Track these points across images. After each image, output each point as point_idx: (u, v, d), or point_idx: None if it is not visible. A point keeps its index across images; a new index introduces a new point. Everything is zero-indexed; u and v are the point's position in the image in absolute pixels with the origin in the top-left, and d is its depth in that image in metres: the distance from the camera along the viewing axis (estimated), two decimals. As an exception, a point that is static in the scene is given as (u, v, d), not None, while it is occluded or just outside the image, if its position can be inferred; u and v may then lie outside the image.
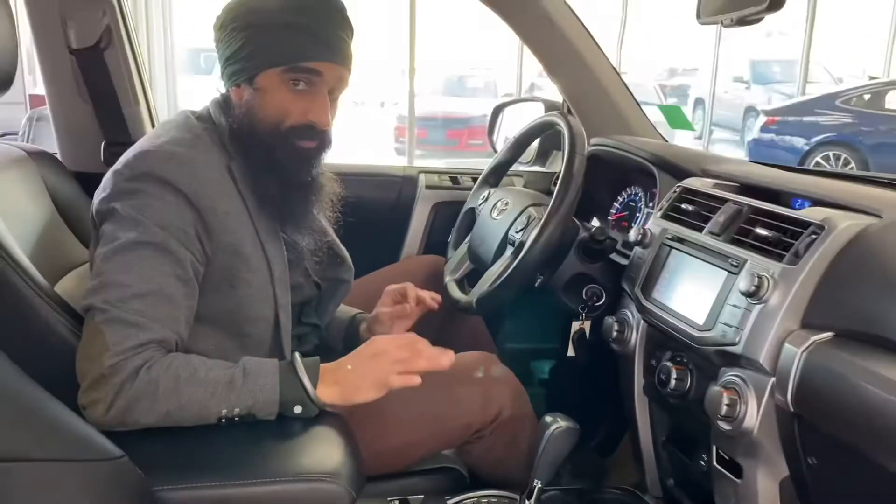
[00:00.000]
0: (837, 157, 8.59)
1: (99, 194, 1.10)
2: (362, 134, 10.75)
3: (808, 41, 10.51)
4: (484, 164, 1.78)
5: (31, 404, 0.76)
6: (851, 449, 0.86)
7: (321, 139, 1.15)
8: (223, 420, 1.00)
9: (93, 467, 0.80)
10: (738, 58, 12.53)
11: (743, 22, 1.08)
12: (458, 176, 1.97)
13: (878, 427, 0.79)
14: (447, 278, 1.57)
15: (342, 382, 1.06)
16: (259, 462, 0.97)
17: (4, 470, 0.72)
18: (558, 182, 1.33)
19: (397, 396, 1.10)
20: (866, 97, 8.86)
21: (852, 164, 8.54)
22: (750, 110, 11.16)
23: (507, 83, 10.93)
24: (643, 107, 1.89)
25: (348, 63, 1.13)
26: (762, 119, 9.26)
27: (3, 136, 5.03)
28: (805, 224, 1.00)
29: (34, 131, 4.30)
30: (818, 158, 8.61)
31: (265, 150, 1.12)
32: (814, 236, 0.97)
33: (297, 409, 1.02)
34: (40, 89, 1.55)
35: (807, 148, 8.70)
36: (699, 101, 12.22)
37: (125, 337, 0.98)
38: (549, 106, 1.90)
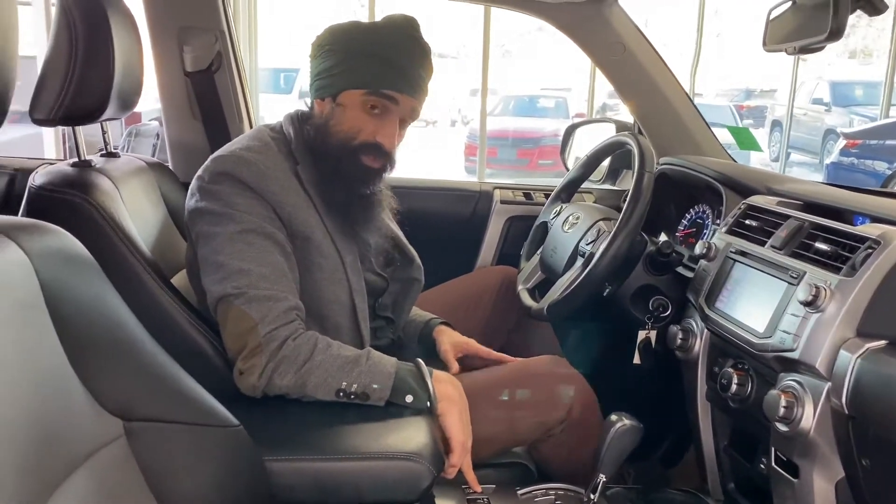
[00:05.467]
0: (922, 182, 8.30)
1: (188, 200, 1.27)
2: (433, 153, 10.94)
3: (892, 63, 10.19)
4: (554, 182, 1.88)
5: (169, 375, 0.90)
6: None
7: (385, 160, 1.28)
8: (341, 394, 1.14)
9: (215, 432, 0.93)
10: (819, 79, 12.23)
11: (805, 50, 1.15)
12: (532, 192, 2.07)
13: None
14: (520, 287, 1.67)
15: (455, 383, 1.20)
16: (352, 440, 1.09)
17: (149, 428, 0.85)
18: (628, 197, 1.42)
19: (477, 396, 1.22)
20: (954, 120, 8.55)
21: (937, 190, 8.21)
22: (829, 133, 10.85)
23: (578, 103, 10.96)
24: (717, 129, 1.96)
25: (422, 98, 1.27)
26: (842, 142, 8.99)
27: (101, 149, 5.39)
28: (862, 239, 1.06)
29: (132, 145, 4.61)
30: (901, 183, 8.34)
31: (333, 161, 1.26)
32: (870, 250, 1.03)
33: (409, 399, 1.15)
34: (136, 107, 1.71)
35: (888, 172, 8.40)
36: (776, 123, 11.96)
37: (268, 309, 1.15)
38: (620, 126, 1.99)
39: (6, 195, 1.86)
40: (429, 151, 10.86)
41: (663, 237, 1.59)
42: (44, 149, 4.63)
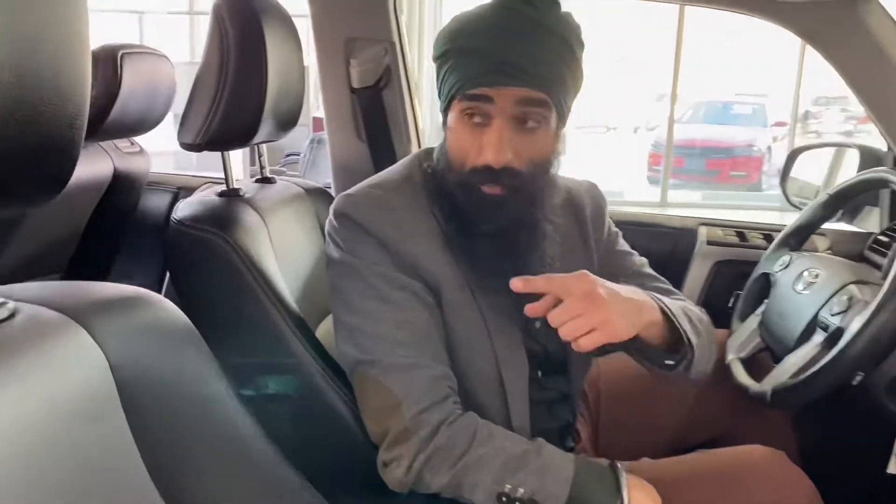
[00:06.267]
0: None
1: (325, 245, 1.06)
2: (613, 160, 10.48)
3: None
4: (747, 198, 1.52)
5: (281, 488, 0.70)
6: None
7: (508, 184, 0.96)
8: (504, 499, 0.91)
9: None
10: None
11: None
12: (746, 231, 1.72)
13: None
14: (730, 356, 1.34)
15: (649, 490, 0.95)
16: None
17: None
18: (897, 259, 1.06)
19: (673, 496, 0.96)
20: None
21: None
22: None
23: (777, 111, 10.06)
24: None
25: (539, 84, 0.93)
26: None
27: (288, 155, 5.54)
28: None
29: (314, 153, 4.65)
30: None
31: (449, 196, 1.00)
32: None
33: None
34: (322, 112, 1.60)
35: None
36: None
37: (411, 381, 0.94)
38: (867, 155, 1.59)
39: (167, 215, 1.80)
40: (608, 159, 10.43)
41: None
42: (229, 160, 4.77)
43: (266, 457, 0.70)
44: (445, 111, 1.00)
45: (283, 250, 1.22)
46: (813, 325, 1.20)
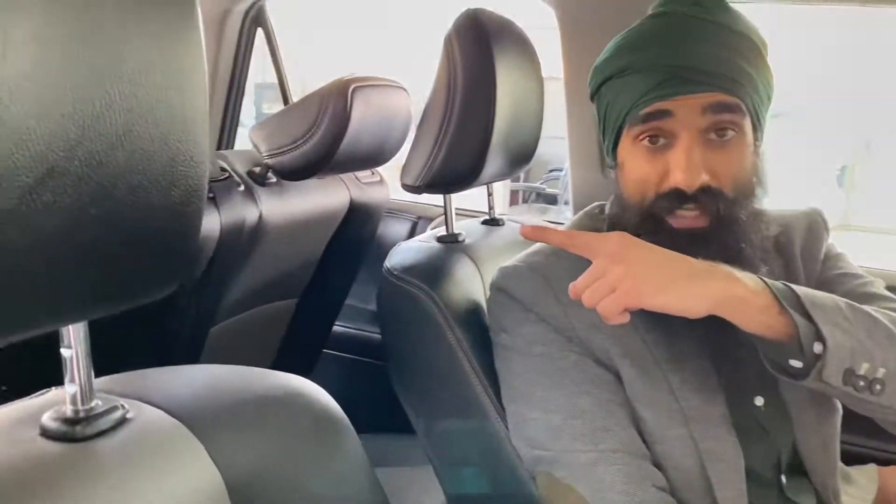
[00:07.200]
0: None
1: None
2: (885, 184, 8.86)
3: None
4: None
5: None
6: None
7: (711, 208, 0.79)
8: None
9: None
10: None
11: None
12: None
13: None
14: None
15: None
16: None
17: None
18: None
19: None
20: None
21: None
22: None
23: None
24: None
25: (727, 85, 0.78)
26: None
27: (551, 171, 5.48)
28: None
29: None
30: None
31: None
32: None
33: None
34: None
35: None
36: None
37: (599, 483, 0.78)
38: None
39: (406, 244, 1.79)
40: (879, 183, 8.87)
41: None
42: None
43: None
44: (613, 148, 0.86)
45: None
46: None
